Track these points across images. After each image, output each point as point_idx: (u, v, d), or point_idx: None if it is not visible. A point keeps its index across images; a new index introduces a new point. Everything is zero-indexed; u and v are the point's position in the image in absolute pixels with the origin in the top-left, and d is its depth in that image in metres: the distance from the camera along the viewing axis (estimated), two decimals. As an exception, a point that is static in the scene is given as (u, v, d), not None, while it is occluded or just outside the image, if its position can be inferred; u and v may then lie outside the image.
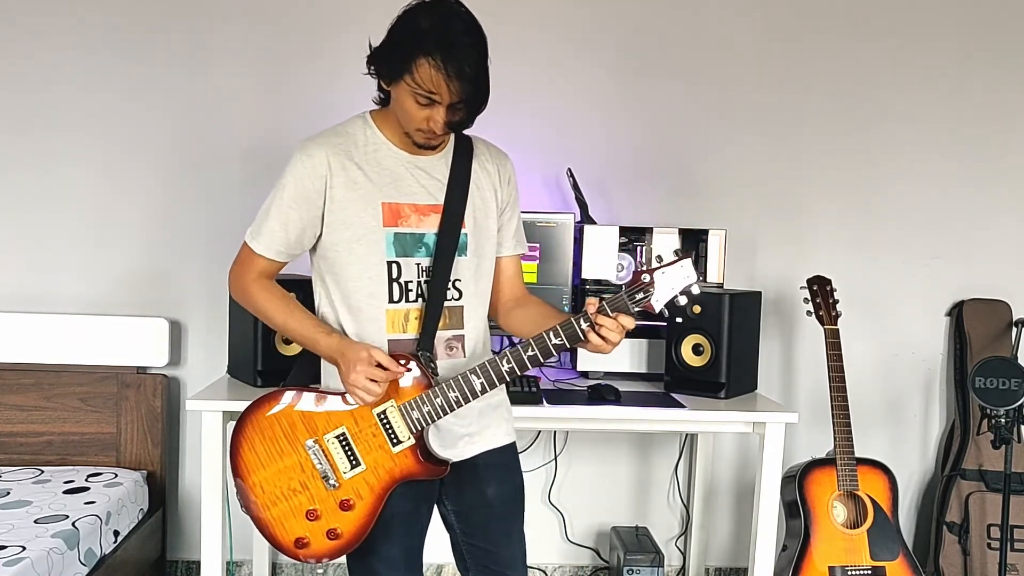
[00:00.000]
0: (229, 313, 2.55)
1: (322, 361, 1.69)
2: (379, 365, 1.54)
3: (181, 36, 2.80)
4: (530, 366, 1.55)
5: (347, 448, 1.59)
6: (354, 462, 1.59)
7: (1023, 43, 2.96)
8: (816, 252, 2.96)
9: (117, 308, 2.83)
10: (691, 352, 2.47)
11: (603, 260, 2.68)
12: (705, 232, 2.72)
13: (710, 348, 2.44)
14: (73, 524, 2.23)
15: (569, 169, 2.78)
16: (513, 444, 1.78)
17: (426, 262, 1.63)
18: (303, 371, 2.05)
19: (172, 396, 2.86)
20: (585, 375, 2.66)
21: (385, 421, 1.59)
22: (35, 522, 2.22)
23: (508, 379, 1.58)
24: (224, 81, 2.82)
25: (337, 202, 1.59)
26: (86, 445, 2.76)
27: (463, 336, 1.68)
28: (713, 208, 2.93)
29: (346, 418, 1.60)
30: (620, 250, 2.70)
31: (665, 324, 2.52)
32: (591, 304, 1.54)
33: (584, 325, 1.53)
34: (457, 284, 1.66)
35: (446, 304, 1.64)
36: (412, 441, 1.59)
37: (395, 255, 1.61)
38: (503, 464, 1.75)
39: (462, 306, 1.67)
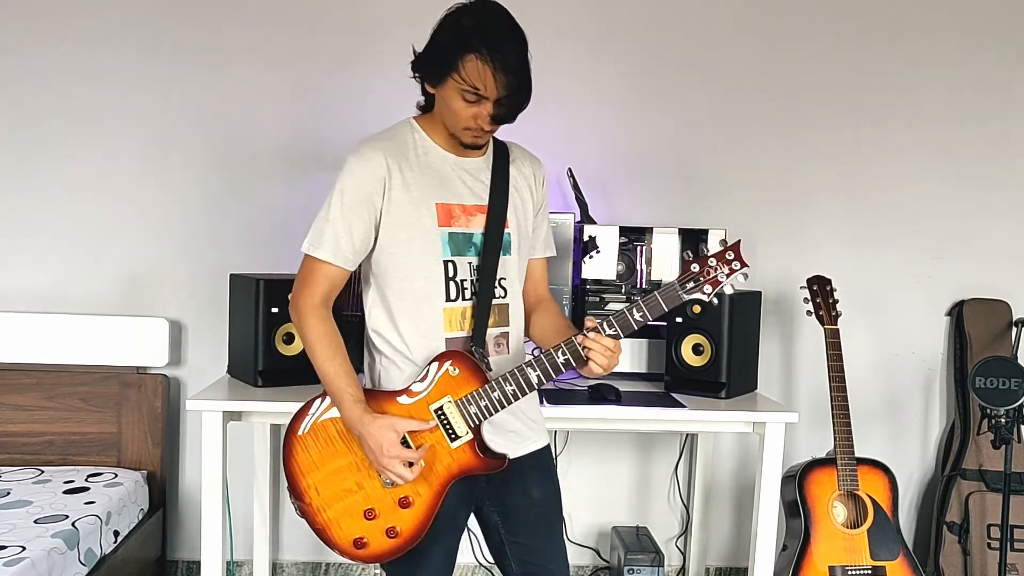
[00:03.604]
0: (229, 313, 2.55)
1: (376, 359, 1.70)
2: (404, 440, 1.57)
3: (193, 34, 2.80)
4: (584, 358, 1.58)
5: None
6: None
7: (1023, 43, 2.96)
8: (816, 252, 2.96)
9: (117, 308, 2.83)
10: (691, 352, 2.47)
11: (603, 260, 2.68)
12: (705, 232, 2.72)
13: (710, 348, 2.44)
14: (73, 524, 2.23)
15: (569, 169, 2.78)
16: (549, 446, 1.81)
17: (476, 261, 1.66)
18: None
19: (172, 396, 2.86)
20: (574, 370, 2.66)
21: (443, 417, 1.60)
22: (35, 522, 2.22)
23: (564, 371, 1.60)
24: (229, 83, 2.82)
25: (395, 203, 1.61)
26: (87, 445, 2.76)
27: (508, 333, 1.71)
28: (713, 208, 2.93)
29: (403, 416, 1.60)
30: (621, 249, 2.70)
31: (665, 324, 2.52)
32: (589, 320, 1.57)
33: (562, 356, 1.58)
34: (503, 283, 1.69)
35: (494, 302, 1.67)
36: (470, 436, 1.60)
37: (450, 254, 1.64)
38: (544, 465, 1.78)
39: (507, 304, 1.71)
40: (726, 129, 2.94)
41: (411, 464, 1.56)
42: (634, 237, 2.73)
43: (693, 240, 2.72)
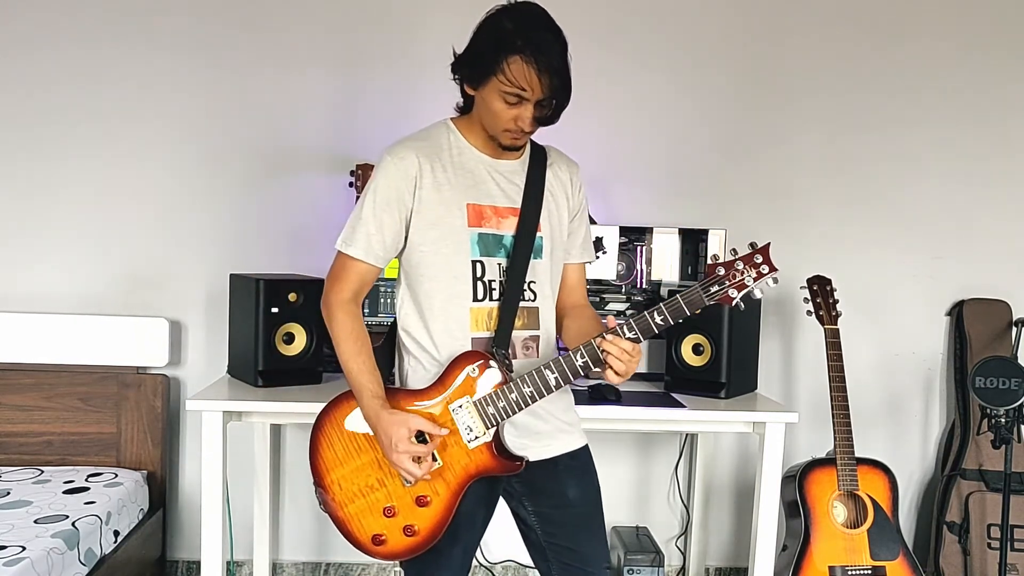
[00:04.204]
0: (229, 313, 2.55)
1: (405, 359, 1.71)
2: (419, 433, 1.57)
3: (193, 33, 2.79)
4: (603, 360, 1.57)
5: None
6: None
7: (1023, 43, 2.96)
8: (816, 252, 2.95)
9: (117, 308, 2.82)
10: (691, 352, 2.47)
11: (603, 260, 2.68)
12: (705, 232, 2.72)
13: (710, 348, 2.44)
14: (73, 524, 2.23)
15: (569, 169, 2.78)
16: (587, 446, 1.80)
17: (505, 263, 1.67)
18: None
19: (172, 396, 2.86)
20: (586, 375, 2.66)
21: (461, 416, 1.60)
22: (35, 522, 2.22)
23: (583, 374, 1.59)
24: (230, 83, 2.82)
25: (425, 202, 1.62)
26: (86, 445, 2.76)
27: (538, 336, 1.71)
28: (713, 208, 2.93)
29: (420, 415, 1.60)
30: (621, 249, 2.70)
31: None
32: (610, 321, 1.56)
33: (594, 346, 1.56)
34: (532, 286, 1.69)
35: (523, 305, 1.68)
36: (488, 437, 1.60)
37: (479, 255, 1.65)
38: (581, 466, 1.77)
39: (537, 307, 1.71)
40: (726, 129, 2.94)
41: (421, 461, 1.55)
42: (634, 237, 2.73)
43: (693, 240, 2.72)
